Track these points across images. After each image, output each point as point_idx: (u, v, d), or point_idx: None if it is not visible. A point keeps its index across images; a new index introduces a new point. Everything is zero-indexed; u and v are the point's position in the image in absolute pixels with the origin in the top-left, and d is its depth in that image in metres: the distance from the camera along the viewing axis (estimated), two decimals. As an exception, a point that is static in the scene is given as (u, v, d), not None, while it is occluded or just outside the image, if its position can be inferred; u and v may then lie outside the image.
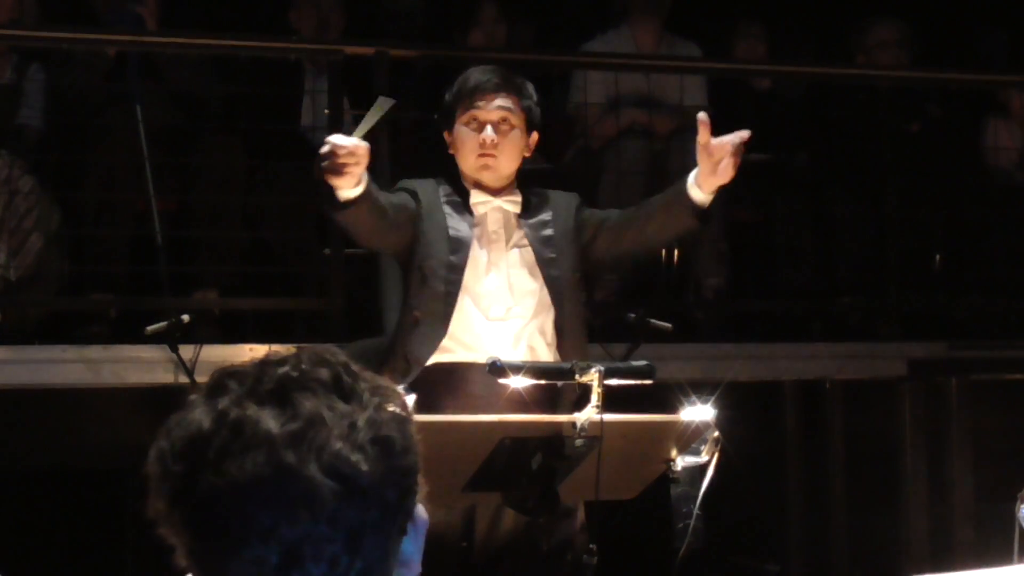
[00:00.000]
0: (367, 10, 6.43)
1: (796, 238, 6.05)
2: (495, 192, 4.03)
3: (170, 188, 5.32)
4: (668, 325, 5.21)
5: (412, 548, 1.51)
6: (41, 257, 5.16)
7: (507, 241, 4.00)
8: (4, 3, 5.40)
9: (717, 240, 5.81)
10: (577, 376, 3.41)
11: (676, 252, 5.81)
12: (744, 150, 3.88)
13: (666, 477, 3.59)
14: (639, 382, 3.50)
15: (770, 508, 5.98)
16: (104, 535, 5.20)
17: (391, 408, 1.44)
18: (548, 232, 4.03)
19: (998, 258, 6.18)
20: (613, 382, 3.42)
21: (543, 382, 3.58)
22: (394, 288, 5.08)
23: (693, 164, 5.80)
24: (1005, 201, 6.33)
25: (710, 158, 3.86)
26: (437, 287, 3.92)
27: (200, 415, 1.40)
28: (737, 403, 3.87)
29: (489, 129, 3.96)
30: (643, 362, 3.57)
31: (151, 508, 1.41)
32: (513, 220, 4.03)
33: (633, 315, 4.94)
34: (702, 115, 3.89)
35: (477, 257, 3.97)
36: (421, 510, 1.52)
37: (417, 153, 5.54)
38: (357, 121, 3.93)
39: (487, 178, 4.01)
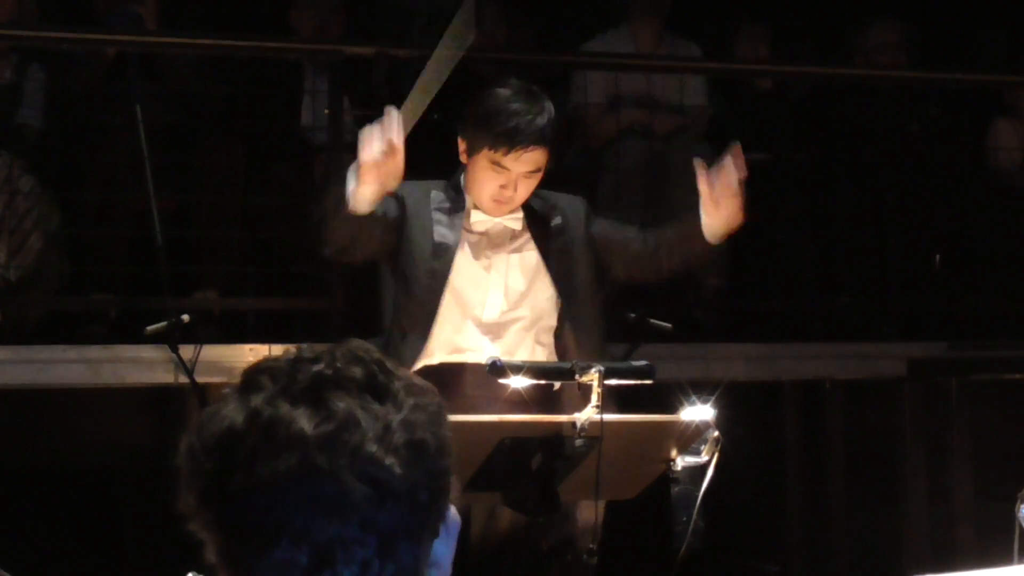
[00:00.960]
0: (367, 10, 6.43)
1: (796, 238, 6.05)
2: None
3: (170, 188, 5.32)
4: (668, 325, 5.21)
5: (444, 549, 1.49)
6: (41, 257, 5.16)
7: (507, 247, 3.93)
8: (4, 3, 5.40)
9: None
10: (577, 376, 3.41)
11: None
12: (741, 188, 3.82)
13: (666, 477, 3.59)
14: (639, 382, 3.50)
15: (770, 508, 5.98)
16: (104, 535, 5.21)
17: (426, 408, 1.42)
18: (562, 242, 3.95)
19: (998, 258, 6.18)
20: (613, 382, 3.42)
21: (542, 382, 3.58)
22: (394, 288, 5.09)
23: (692, 164, 5.82)
24: (1005, 201, 6.32)
25: (715, 205, 3.81)
26: (420, 294, 3.87)
27: (232, 412, 1.39)
28: (737, 403, 3.87)
29: (512, 185, 3.81)
30: (643, 362, 3.57)
31: (181, 502, 1.40)
32: (511, 232, 3.94)
33: (633, 315, 4.94)
34: (699, 164, 3.82)
35: (467, 263, 3.89)
36: (453, 511, 1.51)
37: (417, 153, 5.53)
38: (358, 123, 3.92)
39: (499, 212, 3.90)
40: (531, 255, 3.94)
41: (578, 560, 3.55)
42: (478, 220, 3.92)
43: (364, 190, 3.58)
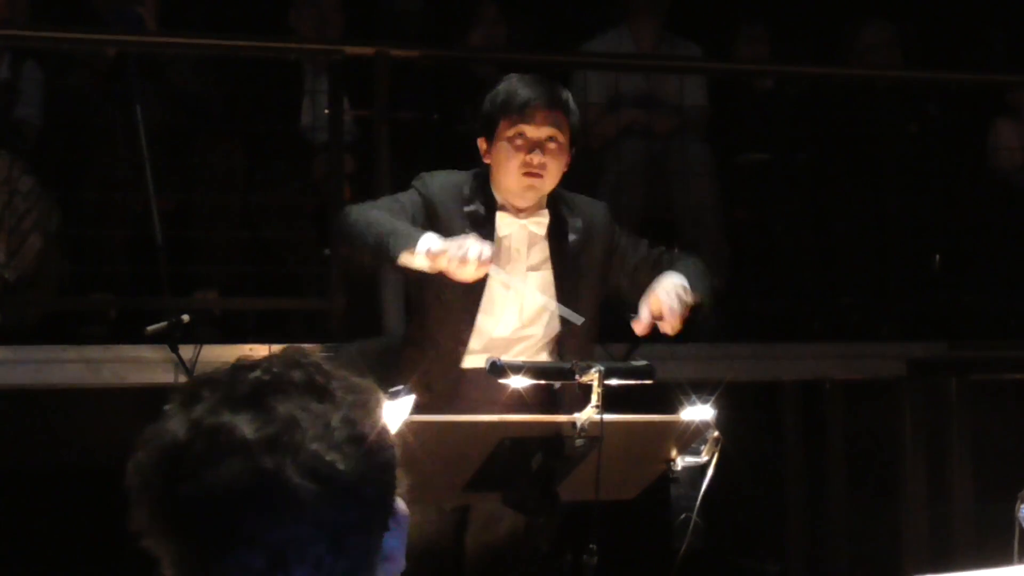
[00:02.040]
0: (367, 10, 6.43)
1: (796, 238, 6.05)
2: (522, 211, 3.89)
3: (170, 188, 5.32)
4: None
5: (395, 543, 1.51)
6: (41, 257, 5.16)
7: (526, 262, 3.89)
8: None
9: (717, 240, 5.81)
10: (577, 376, 3.41)
11: (676, 252, 5.80)
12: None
13: (666, 477, 3.59)
14: (639, 382, 3.50)
15: (770, 508, 5.98)
16: (104, 535, 5.20)
17: (365, 404, 1.44)
18: (580, 261, 3.92)
19: (998, 258, 6.17)
20: (613, 382, 3.42)
21: (543, 382, 3.58)
22: (394, 288, 5.09)
23: (692, 164, 5.82)
24: (1005, 201, 6.32)
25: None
26: (454, 306, 3.82)
27: (175, 425, 1.40)
28: (737, 403, 3.87)
29: (538, 150, 3.80)
30: (643, 362, 3.57)
31: (133, 520, 1.41)
32: (536, 239, 3.90)
33: (633, 315, 4.93)
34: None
35: (492, 279, 3.84)
36: (402, 505, 1.53)
37: (417, 153, 5.54)
38: (359, 123, 3.91)
39: (529, 197, 3.86)
40: (548, 274, 3.90)
41: (578, 560, 3.54)
42: (503, 223, 3.87)
43: (432, 266, 3.60)
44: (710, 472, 3.50)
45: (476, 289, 3.78)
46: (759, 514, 5.97)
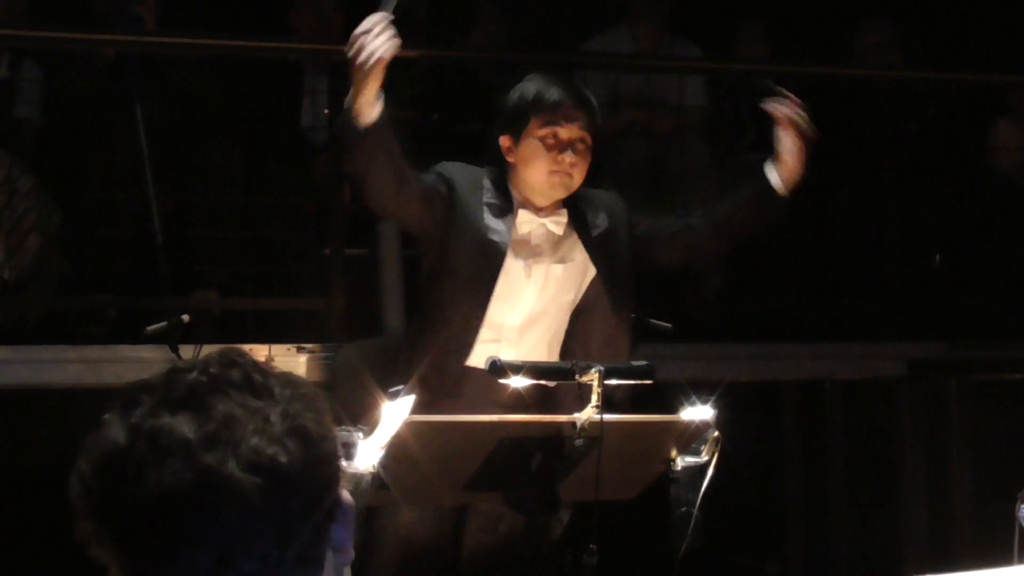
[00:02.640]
0: (367, 10, 6.42)
1: (796, 238, 6.05)
2: (541, 210, 3.93)
3: (170, 188, 5.32)
4: (668, 325, 5.20)
5: (343, 534, 1.51)
6: (41, 257, 5.16)
7: (551, 255, 3.93)
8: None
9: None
10: (577, 376, 3.41)
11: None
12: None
13: (666, 477, 3.59)
14: (639, 382, 3.50)
15: (770, 508, 5.98)
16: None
17: (303, 397, 1.45)
18: (609, 248, 3.96)
19: (998, 258, 6.17)
20: (613, 382, 3.42)
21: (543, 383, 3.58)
22: (394, 288, 5.09)
23: (693, 164, 5.82)
24: (1005, 201, 6.32)
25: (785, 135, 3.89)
26: (463, 297, 3.85)
27: (114, 432, 1.41)
28: (737, 403, 3.87)
29: (569, 150, 3.85)
30: (643, 362, 3.57)
31: (78, 531, 1.42)
32: (554, 237, 3.94)
33: (633, 315, 4.93)
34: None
35: (511, 266, 3.89)
36: (347, 495, 1.52)
37: (417, 153, 5.54)
38: None
39: (557, 195, 3.91)
40: (573, 267, 3.93)
41: (578, 560, 3.54)
42: (523, 221, 3.91)
43: (366, 93, 3.62)
44: (710, 472, 3.50)
45: (488, 275, 3.83)
46: (759, 514, 5.97)
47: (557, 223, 3.93)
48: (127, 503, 1.37)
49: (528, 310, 3.91)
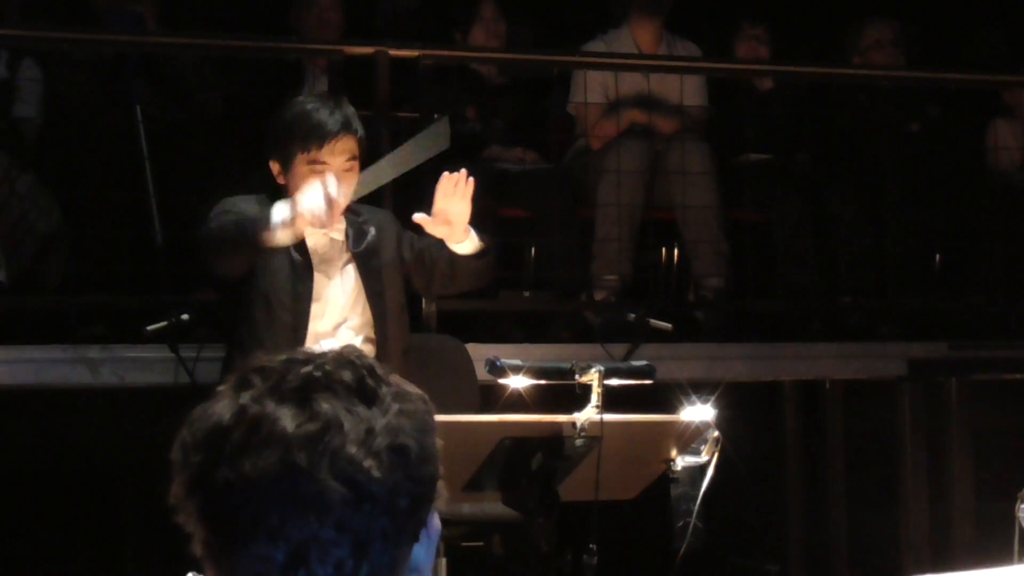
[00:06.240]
0: (367, 10, 6.43)
1: (796, 238, 6.05)
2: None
3: (170, 188, 5.31)
4: (668, 325, 5.21)
5: (424, 556, 1.50)
6: (40, 256, 5.15)
7: (336, 265, 4.04)
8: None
9: (717, 240, 5.81)
10: (577, 376, 3.41)
11: (676, 252, 5.81)
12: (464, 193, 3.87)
13: (666, 477, 3.59)
14: (639, 382, 3.50)
15: (770, 508, 5.98)
16: (104, 535, 5.20)
17: (413, 414, 1.44)
18: (376, 263, 4.07)
19: (998, 258, 6.17)
20: (613, 382, 3.42)
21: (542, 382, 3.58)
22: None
23: (693, 164, 5.82)
24: (1005, 201, 6.32)
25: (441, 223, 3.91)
26: (284, 317, 3.95)
27: (222, 408, 1.42)
28: (737, 403, 3.87)
29: (335, 180, 3.78)
30: (643, 362, 3.57)
31: (172, 494, 1.43)
32: (338, 245, 4.05)
33: (633, 315, 4.94)
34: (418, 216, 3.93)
35: (318, 278, 4.01)
36: (436, 519, 1.51)
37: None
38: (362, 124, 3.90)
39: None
40: (352, 276, 4.05)
41: (578, 560, 3.55)
42: (309, 235, 3.97)
43: (295, 232, 3.73)
44: (710, 472, 3.50)
45: (303, 289, 3.95)
46: (759, 514, 5.97)
47: (338, 231, 4.04)
48: (217, 482, 1.38)
49: (335, 315, 4.02)
